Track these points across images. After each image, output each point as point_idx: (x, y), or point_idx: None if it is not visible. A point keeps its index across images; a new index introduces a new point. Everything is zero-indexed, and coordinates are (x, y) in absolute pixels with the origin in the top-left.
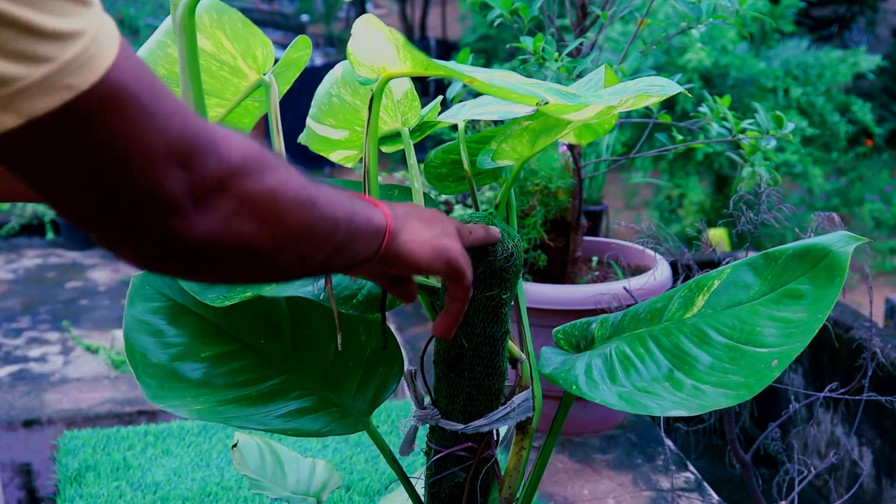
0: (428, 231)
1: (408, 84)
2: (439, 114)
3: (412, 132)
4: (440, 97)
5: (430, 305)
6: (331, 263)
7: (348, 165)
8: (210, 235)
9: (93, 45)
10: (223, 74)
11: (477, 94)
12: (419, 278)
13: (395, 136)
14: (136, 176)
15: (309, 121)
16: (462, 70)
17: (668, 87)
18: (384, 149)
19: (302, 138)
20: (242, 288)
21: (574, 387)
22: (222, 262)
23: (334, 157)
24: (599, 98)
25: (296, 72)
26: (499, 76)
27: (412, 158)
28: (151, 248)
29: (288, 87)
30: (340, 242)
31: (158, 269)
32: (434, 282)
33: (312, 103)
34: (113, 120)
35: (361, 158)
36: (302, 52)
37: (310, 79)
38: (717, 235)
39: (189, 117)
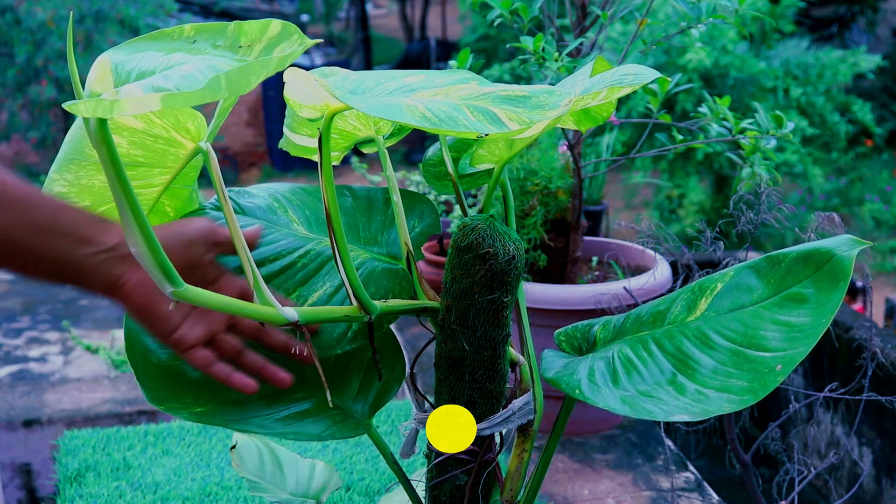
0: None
1: None
2: None
3: (389, 136)
4: None
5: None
6: None
7: (335, 163)
8: None
9: None
10: (159, 147)
11: None
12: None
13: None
14: None
15: (285, 129)
16: (403, 107)
17: (642, 75)
18: (365, 149)
19: (282, 144)
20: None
21: (577, 391)
22: None
23: (316, 158)
24: (556, 106)
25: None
26: (441, 103)
27: (389, 170)
28: None
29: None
30: None
31: None
32: (435, 304)
33: (287, 113)
34: None
35: (344, 158)
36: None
37: None
38: None
39: None
